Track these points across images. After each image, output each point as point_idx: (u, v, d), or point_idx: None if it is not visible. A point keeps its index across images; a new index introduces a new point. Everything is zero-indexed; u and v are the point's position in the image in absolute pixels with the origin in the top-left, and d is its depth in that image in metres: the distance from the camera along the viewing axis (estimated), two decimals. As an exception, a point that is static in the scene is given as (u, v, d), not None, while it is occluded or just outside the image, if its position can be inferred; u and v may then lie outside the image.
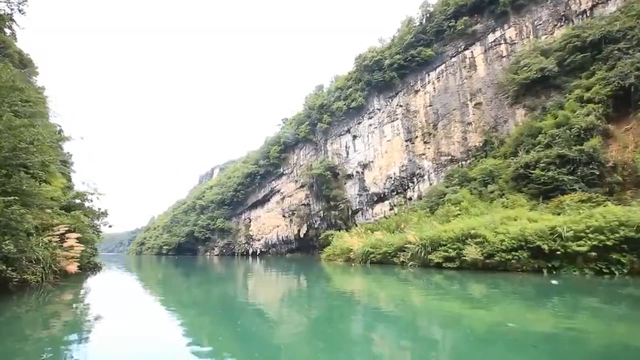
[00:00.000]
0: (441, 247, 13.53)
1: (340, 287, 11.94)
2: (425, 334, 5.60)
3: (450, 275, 12.12)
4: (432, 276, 12.32)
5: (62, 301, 7.50)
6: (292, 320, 6.73)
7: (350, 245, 21.02)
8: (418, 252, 14.51)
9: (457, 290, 9.73)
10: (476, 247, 11.79)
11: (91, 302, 7.87)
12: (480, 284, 10.32)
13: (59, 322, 5.95)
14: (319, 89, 59.48)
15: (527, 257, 11.17)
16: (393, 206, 43.10)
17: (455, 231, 13.38)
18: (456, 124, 36.83)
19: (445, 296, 8.95)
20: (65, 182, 13.50)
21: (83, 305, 7.42)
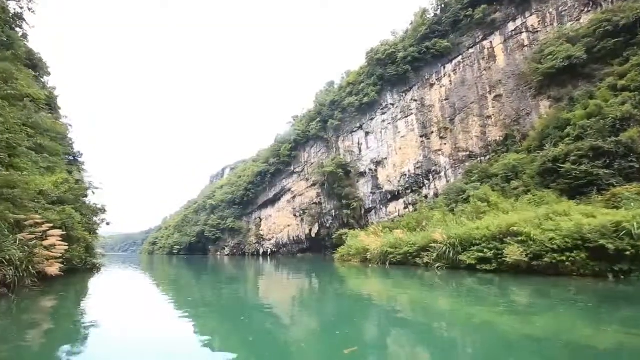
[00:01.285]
0: (474, 246, 12.18)
1: (358, 290, 10.78)
2: (455, 347, 4.43)
3: (486, 279, 10.70)
4: (463, 279, 10.99)
5: (30, 310, 6.45)
6: (308, 329, 5.66)
7: (367, 244, 19.78)
8: (446, 253, 13.18)
9: (495, 297, 8.45)
10: (519, 247, 10.42)
11: (60, 313, 6.64)
12: (525, 290, 8.92)
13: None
14: (329, 85, 58.37)
15: (585, 259, 9.55)
16: (408, 204, 41.68)
17: (490, 229, 11.93)
18: (474, 118, 35.19)
19: (480, 303, 7.69)
20: (66, 177, 12.62)
21: (47, 316, 6.25)
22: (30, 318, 6.03)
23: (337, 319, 6.63)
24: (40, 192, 10.34)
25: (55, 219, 9.39)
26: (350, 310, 7.47)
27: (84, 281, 10.86)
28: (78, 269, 11.63)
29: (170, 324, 5.86)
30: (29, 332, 5.13)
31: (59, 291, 8.43)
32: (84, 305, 7.52)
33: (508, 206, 16.67)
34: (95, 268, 13.87)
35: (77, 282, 10.62)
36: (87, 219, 12.83)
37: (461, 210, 23.08)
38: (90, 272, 13.27)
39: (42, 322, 5.87)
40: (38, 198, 9.98)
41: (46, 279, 8.18)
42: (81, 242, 10.94)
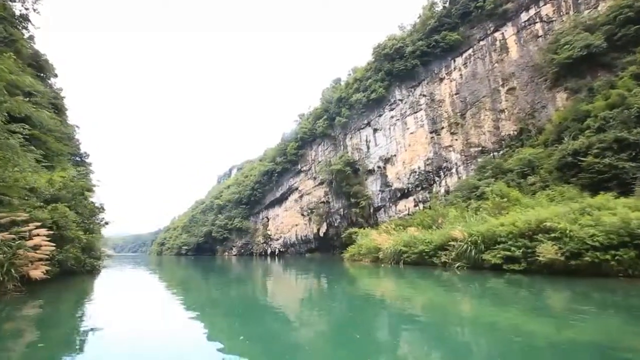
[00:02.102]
0: (498, 244, 11.29)
1: (372, 292, 10.05)
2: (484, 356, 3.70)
3: (515, 280, 9.80)
4: (488, 281, 10.13)
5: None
6: (322, 334, 5.03)
7: (379, 243, 18.97)
8: (467, 251, 12.33)
9: (526, 300, 7.61)
10: (553, 245, 9.49)
11: (45, 321, 5.88)
12: (562, 292, 8.00)
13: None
14: (336, 82, 57.52)
15: (634, 257, 8.50)
16: (418, 202, 40.71)
17: (517, 225, 10.97)
18: (487, 112, 34.09)
19: (509, 307, 6.88)
20: (63, 175, 12.05)
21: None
22: (11, 327, 5.44)
23: (351, 322, 5.98)
24: (32, 189, 9.79)
25: (44, 217, 8.79)
26: (365, 314, 6.78)
27: (76, 285, 10.14)
28: (74, 271, 11.08)
29: (168, 332, 5.20)
30: (8, 342, 4.52)
31: (46, 296, 7.70)
32: (72, 312, 6.91)
33: (531, 202, 15.66)
34: (94, 270, 13.32)
35: (68, 285, 9.95)
36: (84, 218, 12.24)
37: (475, 207, 22.18)
38: (89, 275, 12.73)
39: (24, 332, 5.26)
40: (29, 196, 9.44)
41: (33, 283, 7.55)
42: (76, 242, 10.33)
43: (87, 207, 12.63)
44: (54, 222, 9.27)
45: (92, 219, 13.42)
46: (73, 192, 11.46)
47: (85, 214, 12.34)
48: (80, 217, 11.58)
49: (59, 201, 10.26)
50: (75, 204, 11.38)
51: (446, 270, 12.95)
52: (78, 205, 11.66)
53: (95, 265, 13.33)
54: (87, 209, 12.57)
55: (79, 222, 11.15)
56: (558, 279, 9.43)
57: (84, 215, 12.09)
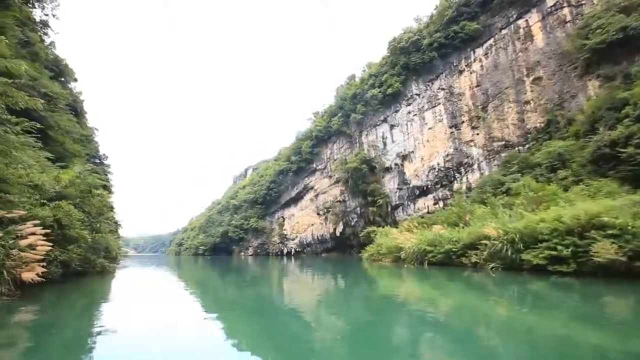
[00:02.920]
0: (541, 242, 10.16)
1: (396, 294, 9.19)
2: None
3: (563, 284, 8.65)
4: (529, 283, 9.03)
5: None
6: (343, 342, 4.28)
7: (400, 242, 17.96)
8: (502, 250, 11.21)
9: (579, 307, 6.57)
10: (612, 243, 8.31)
11: (39, 328, 5.28)
12: (625, 298, 6.80)
13: None
14: (350, 79, 56.56)
15: None
16: (438, 200, 39.33)
17: (564, 220, 9.65)
18: (510, 104, 32.42)
19: (557, 314, 5.88)
20: (72, 173, 11.62)
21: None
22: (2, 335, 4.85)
23: (374, 326, 5.37)
24: (36, 186, 9.38)
25: (45, 215, 8.31)
26: (389, 317, 6.04)
27: (81, 287, 9.57)
28: (82, 272, 10.61)
29: (176, 342, 4.49)
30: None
31: (44, 301, 7.15)
32: (70, 318, 6.34)
33: (571, 196, 14.30)
34: (105, 270, 12.90)
35: (72, 288, 9.30)
36: (91, 216, 11.78)
37: (502, 203, 20.86)
38: (100, 275, 12.29)
39: (15, 343, 4.66)
40: (32, 193, 9.02)
41: (31, 285, 6.93)
42: (81, 242, 9.84)
43: (94, 205, 12.14)
44: (56, 221, 8.80)
45: (100, 218, 12.93)
46: (80, 190, 11.02)
47: (93, 213, 11.87)
48: (87, 215, 11.13)
49: (64, 199, 9.84)
50: (81, 202, 10.93)
51: (477, 272, 11.87)
52: (84, 203, 11.20)
53: (105, 266, 12.91)
54: (94, 207, 12.09)
55: (85, 220, 10.67)
56: (618, 282, 8.22)
57: (90, 214, 11.64)
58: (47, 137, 22.22)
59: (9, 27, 20.16)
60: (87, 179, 11.75)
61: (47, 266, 7.74)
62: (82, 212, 10.57)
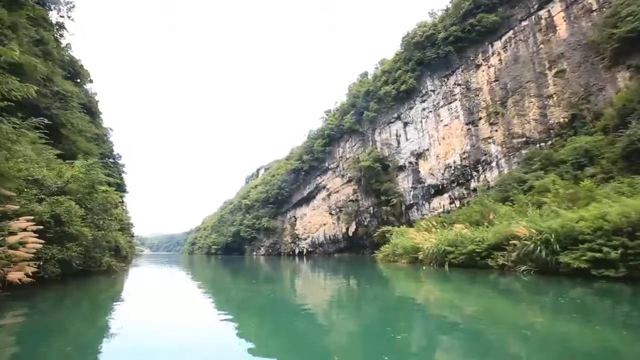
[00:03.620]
0: (583, 243, 9.08)
1: (412, 297, 8.43)
2: None
3: (611, 290, 7.78)
4: (568, 289, 8.01)
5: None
6: (359, 349, 3.59)
7: (418, 242, 17.07)
8: (535, 252, 10.25)
9: (634, 317, 5.70)
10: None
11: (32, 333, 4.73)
12: None
13: None
14: (363, 76, 55.64)
15: None
16: (454, 199, 38.09)
17: (610, 219, 8.58)
18: (531, 99, 31.00)
19: (607, 325, 5.01)
20: (79, 168, 11.17)
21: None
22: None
23: (391, 332, 4.72)
24: (35, 181, 8.97)
25: (41, 211, 7.82)
26: (407, 322, 5.31)
27: (81, 287, 9.04)
28: (86, 271, 10.11)
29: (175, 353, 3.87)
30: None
31: (35, 303, 6.64)
32: (62, 323, 5.80)
33: (611, 193, 13.13)
34: (111, 270, 12.44)
35: (67, 289, 8.66)
36: (94, 213, 11.31)
37: (525, 202, 19.72)
38: (105, 275, 11.78)
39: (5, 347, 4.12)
40: (32, 187, 8.60)
41: (24, 285, 6.42)
42: (81, 239, 9.34)
43: (98, 201, 11.60)
44: (53, 217, 8.33)
45: (104, 215, 12.41)
46: (83, 185, 10.55)
47: (95, 209, 11.40)
48: (89, 212, 10.64)
49: (66, 194, 9.40)
50: (83, 198, 10.46)
51: (504, 275, 10.94)
52: (87, 199, 10.74)
53: (111, 265, 12.46)
54: (97, 203, 11.60)
55: (87, 217, 10.16)
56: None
57: (93, 211, 11.17)
58: (60, 135, 22.25)
59: (21, 25, 20.19)
60: (91, 175, 11.25)
61: (44, 265, 7.28)
62: (85, 208, 10.12)
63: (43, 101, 19.56)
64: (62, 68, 38.40)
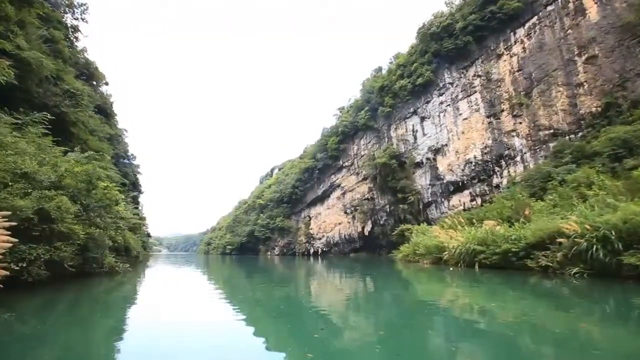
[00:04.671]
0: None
1: (439, 302, 7.32)
2: None
3: None
4: (635, 297, 6.87)
5: None
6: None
7: (443, 241, 15.81)
8: (589, 251, 8.90)
9: None
10: None
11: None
12: None
13: None
14: (377, 71, 54.19)
15: None
16: (475, 196, 36.37)
17: None
18: (559, 88, 29.08)
19: None
20: (74, 162, 10.38)
21: None
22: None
23: (416, 340, 4.01)
24: (24, 174, 8.25)
25: (22, 205, 7.03)
26: (434, 331, 4.21)
27: (67, 292, 8.17)
28: (81, 273, 9.33)
29: None
30: None
31: (17, 310, 5.95)
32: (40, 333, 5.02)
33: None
34: (114, 271, 11.71)
35: (52, 294, 7.71)
36: (91, 210, 10.47)
37: (555, 197, 18.15)
38: (108, 276, 10.97)
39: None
40: (19, 181, 7.90)
41: (10, 289, 5.64)
42: (74, 238, 8.51)
43: (94, 197, 10.71)
44: (38, 213, 7.54)
45: (102, 212, 11.55)
46: (80, 180, 9.76)
47: (92, 206, 10.59)
48: (86, 209, 9.82)
49: (62, 189, 8.66)
50: (79, 194, 9.67)
51: (549, 278, 9.65)
52: (82, 195, 9.94)
53: (114, 266, 11.74)
54: (94, 199, 10.74)
55: (82, 215, 9.32)
56: None
57: (90, 208, 10.37)
58: (71, 134, 22.01)
59: (30, 23, 19.97)
60: (88, 169, 10.49)
61: (28, 267, 6.55)
62: (81, 205, 9.35)
63: (52, 99, 19.30)
64: (78, 70, 38.67)
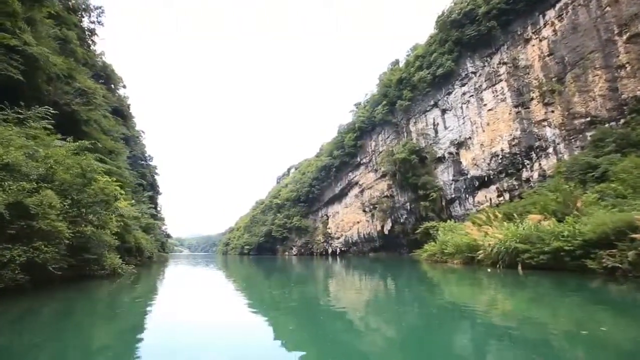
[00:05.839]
0: None
1: (482, 309, 5.91)
2: None
3: None
4: None
5: None
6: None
7: (476, 239, 14.23)
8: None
9: None
10: None
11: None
12: None
13: None
14: (393, 64, 52.37)
15: None
16: (502, 191, 34.22)
17: None
18: (597, 72, 26.67)
19: None
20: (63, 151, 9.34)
21: None
22: None
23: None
24: (5, 166, 7.33)
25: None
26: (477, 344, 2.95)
27: (55, 301, 7.12)
28: (81, 275, 8.34)
29: None
30: None
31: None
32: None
33: None
34: (116, 273, 10.78)
35: (35, 305, 6.62)
36: (84, 207, 9.47)
37: (599, 190, 16.22)
38: (109, 279, 9.99)
39: None
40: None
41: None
42: (60, 237, 7.46)
43: (88, 192, 9.62)
44: (15, 208, 6.57)
45: (96, 209, 10.51)
46: (74, 174, 8.80)
47: (86, 202, 9.58)
48: (77, 205, 8.82)
49: (52, 183, 7.77)
50: (71, 188, 8.69)
51: (617, 281, 8.07)
52: (74, 190, 8.94)
53: (115, 268, 10.84)
54: (87, 194, 9.68)
55: (72, 211, 8.33)
56: None
57: (82, 203, 9.39)
58: (83, 132, 21.68)
59: (38, 20, 19.66)
60: (80, 161, 9.55)
61: (0, 271, 5.67)
62: (72, 200, 8.42)
63: (63, 97, 18.94)
64: (95, 73, 38.93)
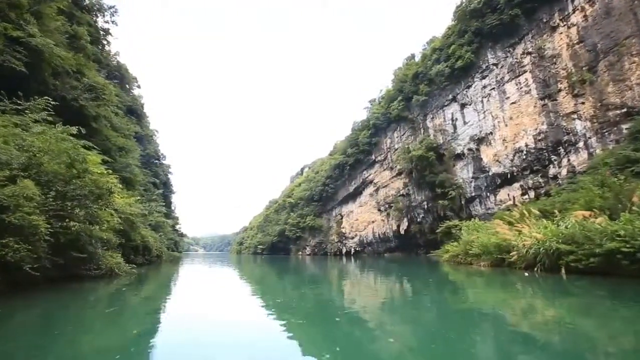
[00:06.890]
0: None
1: (537, 327, 4.69)
2: None
3: None
4: None
5: None
6: None
7: (508, 238, 12.86)
8: None
9: None
10: None
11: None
12: None
13: None
14: (409, 59, 50.76)
15: None
16: (527, 189, 32.33)
17: None
18: (634, 59, 24.66)
19: None
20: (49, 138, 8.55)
21: None
22: None
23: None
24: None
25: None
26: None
27: (35, 306, 6.36)
28: (73, 275, 7.45)
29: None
30: None
31: None
32: None
33: None
34: (113, 274, 9.98)
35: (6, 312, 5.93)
36: (69, 200, 8.50)
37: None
38: (105, 280, 9.14)
39: None
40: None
41: None
42: (36, 233, 6.57)
43: (76, 184, 8.68)
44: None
45: (86, 202, 9.54)
46: (61, 164, 7.95)
47: (71, 194, 8.67)
48: (62, 197, 7.92)
49: (31, 172, 6.99)
50: (55, 178, 7.84)
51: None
52: (60, 180, 8.08)
53: (113, 268, 10.06)
54: (73, 186, 8.75)
55: (55, 204, 7.43)
56: None
57: (67, 196, 8.50)
58: (92, 129, 21.32)
59: (47, 14, 19.35)
60: (67, 149, 8.67)
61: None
62: (56, 192, 7.57)
63: (71, 92, 18.55)
64: (110, 73, 39.00)
